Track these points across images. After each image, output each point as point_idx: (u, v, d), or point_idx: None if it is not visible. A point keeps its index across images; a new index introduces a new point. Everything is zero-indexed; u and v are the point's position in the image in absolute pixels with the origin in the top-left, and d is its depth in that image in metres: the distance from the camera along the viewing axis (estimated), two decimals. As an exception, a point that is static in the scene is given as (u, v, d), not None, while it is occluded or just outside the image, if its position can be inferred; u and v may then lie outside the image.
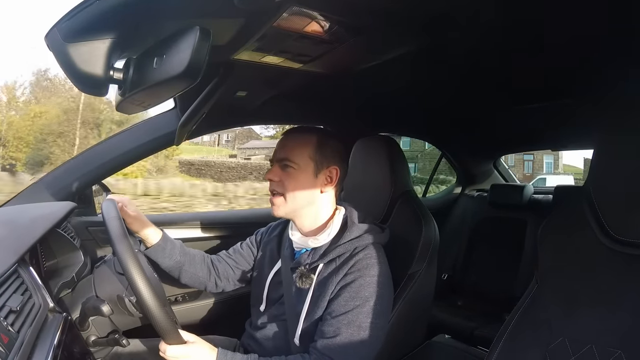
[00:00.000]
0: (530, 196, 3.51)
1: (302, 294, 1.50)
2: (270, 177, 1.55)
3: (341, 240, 1.51)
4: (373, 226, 1.58)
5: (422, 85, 1.99)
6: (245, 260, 1.82)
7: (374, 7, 1.12)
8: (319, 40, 1.31)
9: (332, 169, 1.56)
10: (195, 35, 0.86)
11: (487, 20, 1.24)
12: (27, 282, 1.19)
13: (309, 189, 1.53)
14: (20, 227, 1.35)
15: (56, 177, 1.81)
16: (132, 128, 1.92)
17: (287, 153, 1.53)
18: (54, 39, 0.91)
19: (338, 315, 1.39)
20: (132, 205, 1.59)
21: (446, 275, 3.58)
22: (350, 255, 1.48)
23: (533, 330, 1.35)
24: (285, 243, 1.68)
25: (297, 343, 1.48)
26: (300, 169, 1.52)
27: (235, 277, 1.81)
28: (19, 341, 0.98)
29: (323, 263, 1.50)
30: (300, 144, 1.54)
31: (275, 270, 1.66)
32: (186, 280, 1.72)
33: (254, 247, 1.84)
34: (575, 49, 1.48)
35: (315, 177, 1.54)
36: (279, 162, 1.55)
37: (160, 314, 1.14)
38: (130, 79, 1.01)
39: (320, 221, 1.59)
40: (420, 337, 1.99)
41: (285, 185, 1.52)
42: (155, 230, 1.65)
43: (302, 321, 1.47)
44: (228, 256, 1.82)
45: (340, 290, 1.43)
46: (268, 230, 1.84)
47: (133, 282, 1.14)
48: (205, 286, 1.77)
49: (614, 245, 1.24)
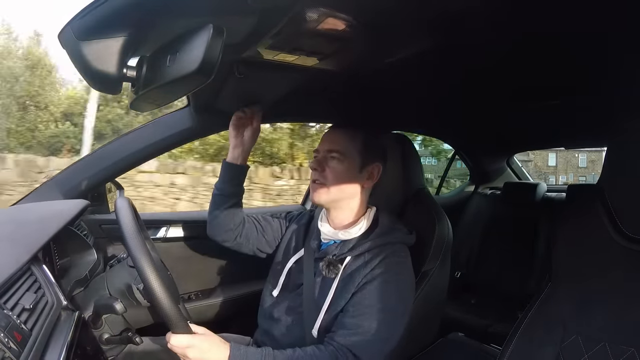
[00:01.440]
0: (544, 194, 3.49)
1: (327, 284, 1.51)
2: (315, 167, 1.57)
3: (371, 236, 1.52)
4: (402, 227, 1.61)
5: (435, 84, 1.98)
6: (272, 232, 1.81)
7: (388, 5, 1.11)
8: (332, 38, 1.30)
9: (375, 166, 1.60)
10: (208, 33, 0.85)
11: (502, 18, 1.23)
12: (40, 280, 1.20)
13: (352, 182, 1.56)
14: (33, 225, 1.36)
15: (69, 175, 1.81)
16: (145, 126, 1.92)
17: (337, 145, 1.56)
18: (67, 37, 0.91)
19: (361, 309, 1.40)
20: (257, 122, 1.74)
21: (459, 273, 3.56)
22: (379, 251, 1.48)
23: (546, 328, 1.34)
24: (312, 234, 1.69)
25: (315, 334, 1.48)
26: (347, 161, 1.55)
27: (255, 242, 1.79)
28: (32, 339, 0.98)
29: (351, 256, 1.50)
30: (350, 137, 1.57)
31: (297, 258, 1.66)
32: (225, 214, 1.71)
33: (284, 226, 1.84)
34: (589, 46, 1.46)
35: (359, 172, 1.57)
36: (326, 154, 1.57)
37: (165, 300, 1.12)
38: (143, 76, 1.00)
39: (355, 216, 1.60)
40: (433, 335, 1.99)
41: (330, 176, 1.54)
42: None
43: (324, 312, 1.47)
44: (257, 220, 1.81)
45: (365, 285, 1.43)
46: (299, 215, 1.85)
47: (140, 269, 1.12)
48: (228, 232, 1.73)
49: (628, 243, 1.23)
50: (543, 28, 1.31)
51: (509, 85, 2.02)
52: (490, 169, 4.00)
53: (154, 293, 1.12)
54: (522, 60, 1.63)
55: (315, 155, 1.63)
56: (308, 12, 1.09)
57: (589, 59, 1.60)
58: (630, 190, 1.24)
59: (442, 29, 1.29)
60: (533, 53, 1.55)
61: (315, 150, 1.64)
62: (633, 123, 1.25)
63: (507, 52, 1.53)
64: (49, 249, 1.43)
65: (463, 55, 1.56)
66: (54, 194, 1.75)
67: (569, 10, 1.16)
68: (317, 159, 1.59)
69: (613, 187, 1.30)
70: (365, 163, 1.57)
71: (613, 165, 1.31)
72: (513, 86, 2.04)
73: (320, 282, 1.53)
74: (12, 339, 0.89)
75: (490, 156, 3.92)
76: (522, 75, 1.84)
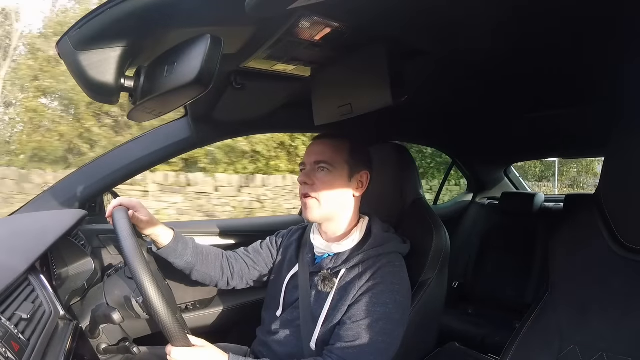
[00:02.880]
0: (541, 204, 3.49)
1: (322, 297, 1.50)
2: (305, 180, 1.53)
3: (365, 247, 1.51)
4: (396, 236, 1.59)
5: (433, 94, 1.99)
6: (263, 261, 1.79)
7: (385, 14, 1.12)
8: (330, 48, 1.31)
9: (363, 174, 1.57)
10: (206, 43, 0.86)
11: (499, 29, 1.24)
12: (37, 289, 1.20)
13: (343, 192, 1.54)
14: (31, 235, 1.36)
15: (67, 186, 1.82)
16: (142, 136, 1.92)
17: (324, 156, 1.53)
18: (65, 48, 0.92)
19: (358, 320, 1.39)
20: (143, 209, 1.54)
21: (457, 283, 3.55)
22: (373, 262, 1.48)
23: (544, 338, 1.34)
24: (305, 248, 1.67)
25: (313, 347, 1.47)
26: (337, 172, 1.52)
27: (250, 277, 1.78)
28: (30, 349, 0.98)
29: (346, 268, 1.49)
30: (337, 147, 1.55)
31: (292, 274, 1.65)
32: (197, 278, 1.68)
33: (274, 249, 1.81)
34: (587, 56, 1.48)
35: (349, 181, 1.54)
36: (313, 166, 1.54)
37: (165, 314, 1.13)
38: (141, 87, 1.01)
39: (347, 227, 1.59)
40: (431, 345, 1.98)
41: (320, 188, 1.51)
42: (167, 231, 1.60)
43: (321, 325, 1.46)
44: (246, 254, 1.79)
45: (362, 296, 1.42)
46: (289, 233, 1.83)
47: (140, 283, 1.13)
48: (217, 284, 1.73)
49: (626, 253, 1.23)
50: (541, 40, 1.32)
51: (507, 95, 2.04)
52: (487, 178, 4.01)
53: (154, 307, 1.13)
54: (520, 71, 1.64)
55: (302, 168, 1.59)
56: (305, 22, 1.10)
57: (587, 71, 1.62)
58: (627, 200, 1.24)
59: (440, 39, 1.30)
60: (531, 65, 1.56)
61: (301, 164, 1.60)
62: (630, 133, 1.25)
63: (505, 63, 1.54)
64: (46, 259, 1.42)
65: (460, 65, 1.57)
66: (51, 203, 1.76)
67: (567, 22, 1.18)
68: (305, 172, 1.56)
69: (611, 197, 1.30)
70: (353, 171, 1.55)
71: (610, 175, 1.31)
72: (511, 97, 2.06)
73: (317, 296, 1.53)
74: (10, 349, 0.89)
75: (487, 166, 3.94)
76: (520, 86, 1.86)
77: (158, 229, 1.57)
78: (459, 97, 2.08)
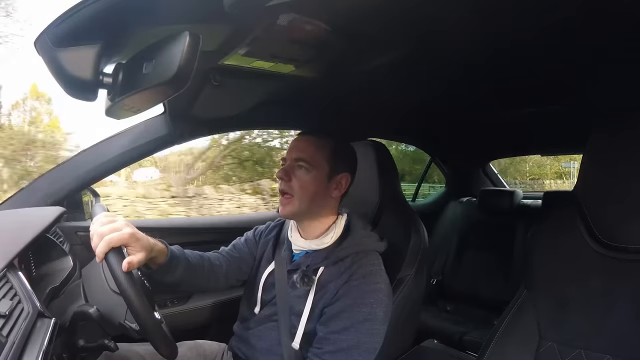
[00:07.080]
0: (520, 201, 3.52)
1: (302, 295, 1.49)
2: (282, 176, 1.52)
3: (344, 244, 1.50)
4: (374, 233, 1.59)
5: (411, 91, 2.00)
6: (247, 257, 1.75)
7: (364, 13, 1.13)
8: (309, 45, 1.31)
9: (344, 176, 1.56)
10: (184, 40, 0.86)
11: (476, 26, 1.25)
12: (16, 287, 1.19)
13: (319, 192, 1.52)
14: (9, 232, 1.35)
15: (45, 182, 1.80)
16: (121, 133, 1.91)
17: (304, 154, 1.51)
18: (43, 44, 0.92)
19: (340, 321, 1.38)
20: (135, 242, 1.33)
21: (435, 280, 3.58)
22: (352, 260, 1.47)
23: (522, 335, 1.36)
24: (283, 245, 1.66)
25: (297, 347, 1.46)
26: (315, 171, 1.50)
27: (236, 275, 1.73)
28: (8, 346, 0.98)
29: (324, 266, 1.49)
30: (319, 146, 1.53)
31: (269, 271, 1.63)
32: (185, 289, 1.68)
33: (254, 245, 1.78)
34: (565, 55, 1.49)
35: (328, 182, 1.53)
36: (293, 162, 1.53)
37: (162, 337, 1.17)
38: (119, 83, 1.00)
39: (325, 225, 1.58)
40: (409, 342, 1.98)
41: (297, 186, 1.50)
42: (161, 251, 1.47)
43: (304, 324, 1.46)
44: (231, 254, 1.74)
45: (342, 297, 1.41)
46: (267, 229, 1.80)
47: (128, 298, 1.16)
48: (203, 290, 1.71)
49: (604, 250, 1.25)
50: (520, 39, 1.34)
51: (485, 93, 2.05)
52: (465, 176, 4.05)
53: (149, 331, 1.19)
54: (498, 69, 1.65)
55: (283, 163, 1.58)
56: (284, 19, 1.11)
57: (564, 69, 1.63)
58: (604, 198, 1.27)
59: (418, 36, 1.31)
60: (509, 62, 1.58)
61: (282, 159, 1.60)
62: (609, 130, 1.27)
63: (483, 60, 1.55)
64: (25, 256, 1.41)
65: (438, 63, 1.58)
66: (29, 201, 1.74)
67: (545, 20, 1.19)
68: (284, 168, 1.54)
69: (588, 194, 1.32)
70: (333, 172, 1.54)
71: (588, 173, 1.33)
72: (489, 94, 2.07)
73: (297, 294, 1.51)
74: (-13, 345, 0.89)
75: (466, 163, 3.97)
76: (497, 84, 1.87)
77: (151, 253, 1.42)
78: (433, 95, 2.10)
